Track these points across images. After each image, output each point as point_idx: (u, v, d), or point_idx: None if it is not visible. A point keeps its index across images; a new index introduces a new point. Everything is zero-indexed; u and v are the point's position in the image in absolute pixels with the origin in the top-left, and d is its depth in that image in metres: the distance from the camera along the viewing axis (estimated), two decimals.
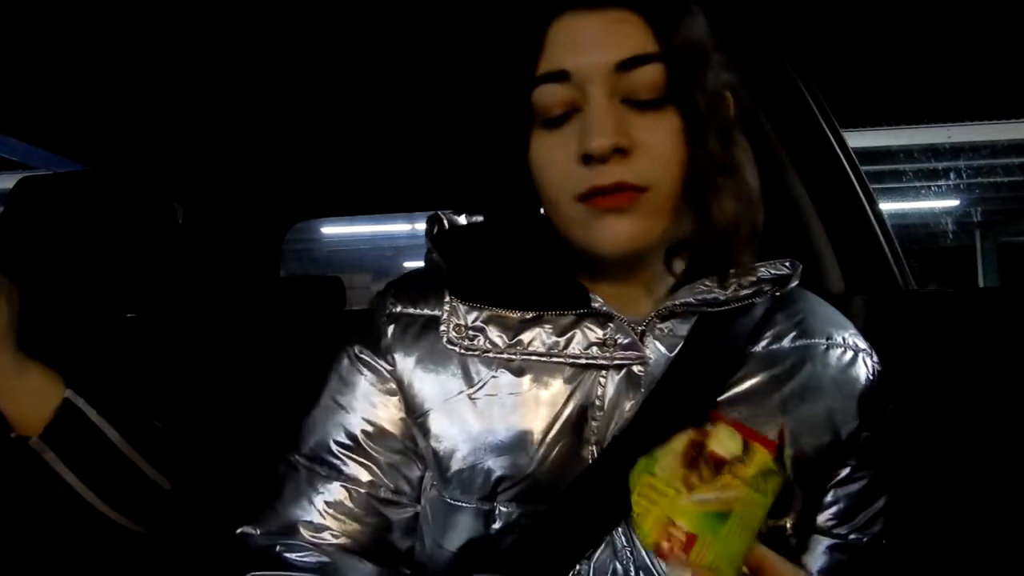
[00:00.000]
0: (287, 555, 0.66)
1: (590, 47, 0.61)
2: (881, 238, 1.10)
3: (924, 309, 0.99)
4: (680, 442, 0.49)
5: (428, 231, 0.74)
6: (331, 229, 8.64)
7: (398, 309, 0.72)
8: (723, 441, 0.48)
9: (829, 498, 0.69)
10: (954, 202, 7.55)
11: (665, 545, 0.46)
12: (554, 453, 0.65)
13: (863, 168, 1.14)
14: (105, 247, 1.06)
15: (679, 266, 0.68)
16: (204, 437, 1.00)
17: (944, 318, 0.93)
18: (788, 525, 0.66)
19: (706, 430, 0.49)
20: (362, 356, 0.72)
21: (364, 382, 0.71)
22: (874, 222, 1.11)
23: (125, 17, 1.10)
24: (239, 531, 0.70)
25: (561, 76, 0.61)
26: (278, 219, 2.24)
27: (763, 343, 0.69)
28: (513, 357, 0.66)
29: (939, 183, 6.72)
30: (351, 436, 0.70)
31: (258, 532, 0.69)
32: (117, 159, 1.67)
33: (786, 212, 1.14)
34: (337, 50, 1.27)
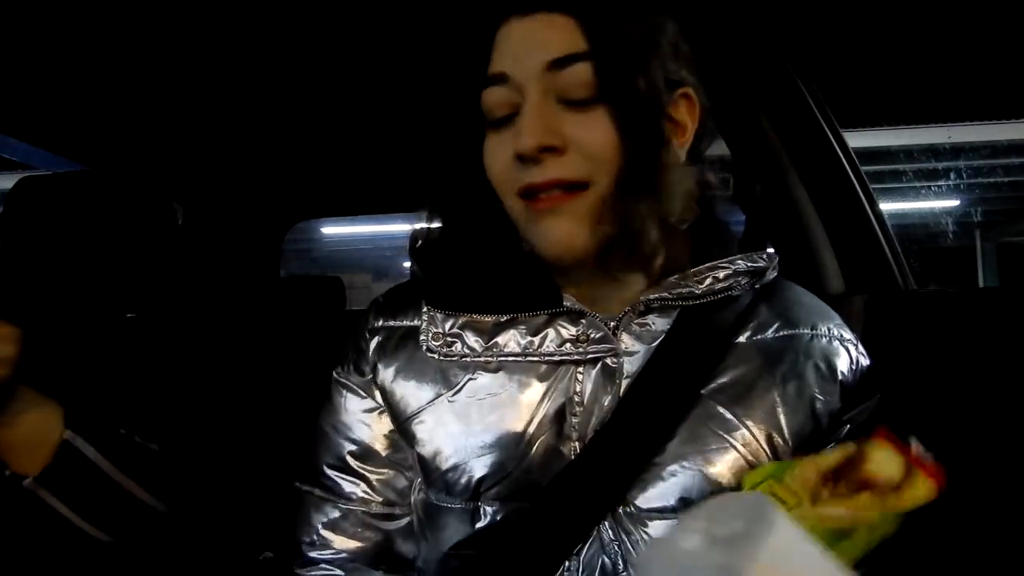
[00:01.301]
0: (302, 572, 0.72)
1: (525, 49, 0.63)
2: (881, 238, 1.10)
3: (924, 309, 0.99)
4: (831, 456, 0.45)
5: (411, 245, 0.75)
6: (331, 229, 8.61)
7: (379, 323, 0.75)
8: (881, 464, 0.45)
9: None
10: (954, 202, 7.53)
11: None
12: (534, 451, 0.66)
13: (863, 168, 1.15)
14: (105, 247, 1.06)
15: (647, 264, 0.68)
16: (203, 444, 1.00)
17: (944, 318, 0.93)
18: None
19: (863, 448, 0.45)
20: (341, 379, 0.75)
21: (345, 404, 0.74)
22: (874, 222, 1.11)
23: (125, 17, 1.10)
24: (262, 557, 0.76)
25: (501, 79, 0.64)
26: (278, 219, 2.24)
27: (747, 334, 0.70)
28: (490, 360, 0.68)
29: (939, 183, 6.70)
30: (339, 458, 0.74)
31: (276, 557, 0.75)
32: (117, 159, 1.67)
33: (786, 212, 1.14)
34: (336, 51, 1.27)
